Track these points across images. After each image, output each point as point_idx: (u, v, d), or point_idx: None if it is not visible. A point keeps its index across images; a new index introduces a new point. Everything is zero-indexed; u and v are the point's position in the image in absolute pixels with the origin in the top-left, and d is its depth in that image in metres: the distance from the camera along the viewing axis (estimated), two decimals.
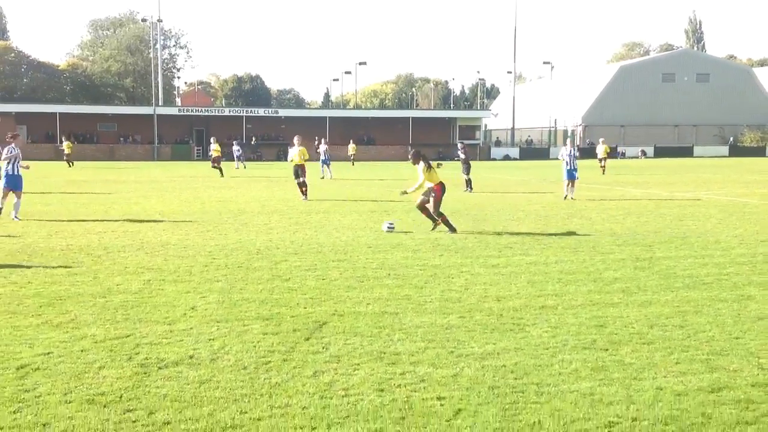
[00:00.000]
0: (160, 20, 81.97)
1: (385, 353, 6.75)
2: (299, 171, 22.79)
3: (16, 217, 16.86)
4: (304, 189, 22.76)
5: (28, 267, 10.97)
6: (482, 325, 7.73)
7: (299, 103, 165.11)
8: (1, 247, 12.80)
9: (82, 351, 6.77)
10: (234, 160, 49.17)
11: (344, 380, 6.02)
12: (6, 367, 6.28)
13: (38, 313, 8.16)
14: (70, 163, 47.63)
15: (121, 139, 70.11)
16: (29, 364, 6.35)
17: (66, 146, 48.73)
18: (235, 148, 50.36)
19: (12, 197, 17.28)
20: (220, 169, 36.85)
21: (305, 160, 23.12)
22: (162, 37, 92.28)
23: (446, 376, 6.08)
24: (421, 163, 15.37)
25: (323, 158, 36.62)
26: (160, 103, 77.34)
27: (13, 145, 17.27)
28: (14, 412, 5.30)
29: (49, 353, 6.68)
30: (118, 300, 8.85)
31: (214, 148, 37.60)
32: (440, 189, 15.30)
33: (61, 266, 11.04)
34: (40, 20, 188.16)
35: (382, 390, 5.78)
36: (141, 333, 7.40)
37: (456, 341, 7.11)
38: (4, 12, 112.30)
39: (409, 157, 15.72)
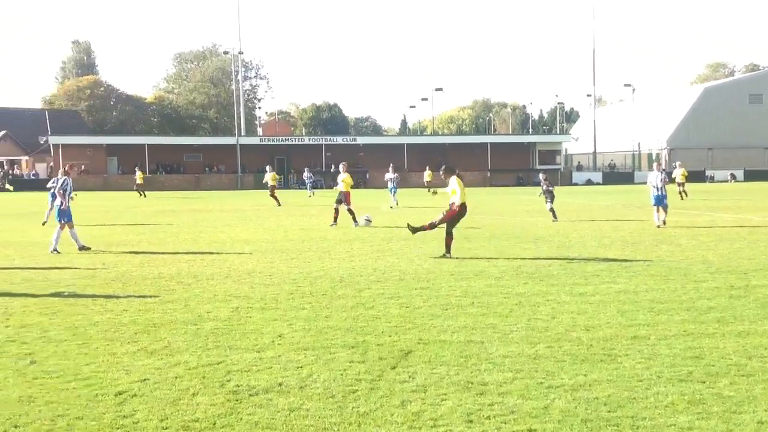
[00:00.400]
0: (241, 52, 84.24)
1: (472, 383, 6.69)
2: (342, 198, 23.45)
3: (83, 246, 17.08)
4: (336, 216, 23.57)
5: (123, 295, 11.34)
6: (571, 355, 7.59)
7: (377, 130, 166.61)
8: (96, 276, 13.28)
9: (176, 378, 6.93)
10: (306, 188, 49.98)
11: (432, 410, 5.99)
12: (105, 393, 6.48)
13: (134, 340, 8.41)
14: (142, 194, 48.87)
15: (206, 168, 71.99)
16: (127, 391, 6.54)
17: (138, 177, 50.16)
18: (306, 175, 51.24)
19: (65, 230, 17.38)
20: (276, 198, 36.88)
21: (351, 187, 23.95)
22: (243, 69, 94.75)
23: (537, 408, 5.98)
24: (454, 177, 15.64)
25: (391, 186, 36.20)
26: (242, 133, 79.20)
27: (68, 177, 17.71)
28: None
29: (145, 380, 6.87)
30: (208, 327, 9.06)
31: (271, 176, 37.82)
32: (453, 209, 15.57)
33: (153, 294, 11.37)
34: (127, 55, 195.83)
35: (471, 421, 5.73)
36: (231, 360, 7.55)
37: (545, 372, 7.00)
38: (93, 48, 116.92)
39: (442, 171, 16.38)
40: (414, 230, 16.32)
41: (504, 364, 7.28)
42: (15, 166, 79.15)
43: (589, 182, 73.58)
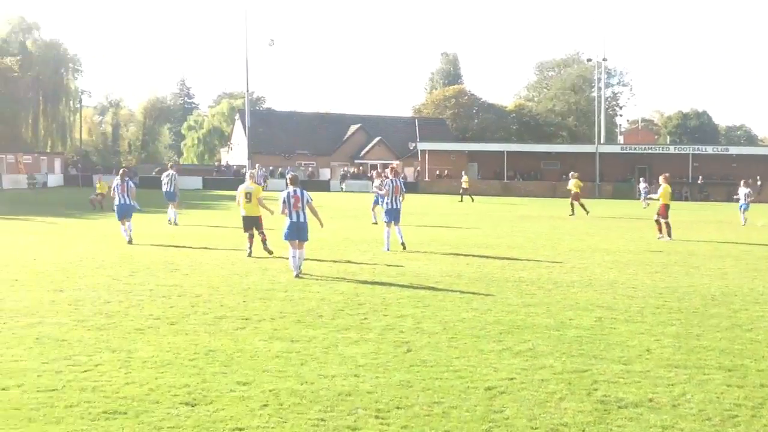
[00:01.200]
0: (604, 59, 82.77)
1: None
2: (658, 209, 22.55)
3: (402, 243, 17.77)
4: (660, 228, 22.37)
5: (486, 294, 11.75)
6: None
7: (751, 140, 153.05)
8: (462, 275, 13.91)
9: (542, 380, 7.00)
10: (640, 198, 47.45)
11: None
12: (476, 387, 6.76)
13: (499, 340, 8.67)
14: (470, 198, 49.58)
15: (564, 176, 71.87)
16: (496, 387, 6.75)
17: (464, 181, 51.22)
18: (642, 185, 48.64)
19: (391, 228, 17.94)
20: (572, 206, 35.23)
21: (671, 200, 22.62)
22: (605, 76, 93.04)
23: None
24: None
25: (742, 203, 32.36)
26: (602, 141, 77.82)
27: (396, 179, 18.25)
28: (486, 430, 5.66)
29: (512, 378, 7.04)
30: (571, 334, 9.01)
31: (574, 183, 36.21)
32: None
33: (515, 297, 11.62)
34: (490, 65, 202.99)
35: None
36: (597, 369, 7.42)
37: None
38: (459, 59, 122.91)
39: None
40: None
41: None
42: (386, 168, 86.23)
43: None
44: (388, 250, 17.62)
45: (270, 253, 16.08)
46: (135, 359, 7.57)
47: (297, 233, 13.62)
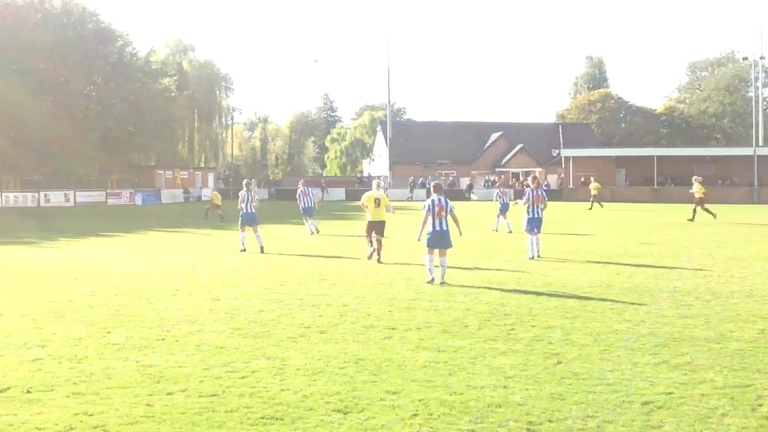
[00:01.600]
0: (762, 57, 78.14)
1: None
2: None
3: (534, 257, 17.69)
4: None
5: (639, 305, 11.34)
6: None
7: None
8: (612, 285, 13.49)
9: (702, 395, 6.68)
10: None
11: None
12: (632, 401, 6.53)
13: (654, 352, 8.34)
14: (600, 204, 47.76)
15: (719, 181, 68.40)
16: (653, 402, 6.50)
17: (593, 188, 49.42)
18: None
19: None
20: (708, 211, 32.97)
21: None
22: (763, 75, 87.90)
23: None
24: None
25: None
26: (760, 144, 73.49)
27: (535, 190, 18.33)
28: None
29: (670, 393, 6.75)
30: (733, 347, 8.55)
31: (698, 187, 33.76)
32: None
33: (670, 308, 11.14)
34: (639, 67, 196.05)
35: None
36: (762, 384, 7.02)
37: None
38: (605, 62, 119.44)
39: None
40: None
41: None
42: (528, 177, 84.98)
43: None
44: (532, 258, 17.44)
45: (377, 260, 16.86)
46: (289, 366, 7.82)
47: (439, 241, 13.76)
